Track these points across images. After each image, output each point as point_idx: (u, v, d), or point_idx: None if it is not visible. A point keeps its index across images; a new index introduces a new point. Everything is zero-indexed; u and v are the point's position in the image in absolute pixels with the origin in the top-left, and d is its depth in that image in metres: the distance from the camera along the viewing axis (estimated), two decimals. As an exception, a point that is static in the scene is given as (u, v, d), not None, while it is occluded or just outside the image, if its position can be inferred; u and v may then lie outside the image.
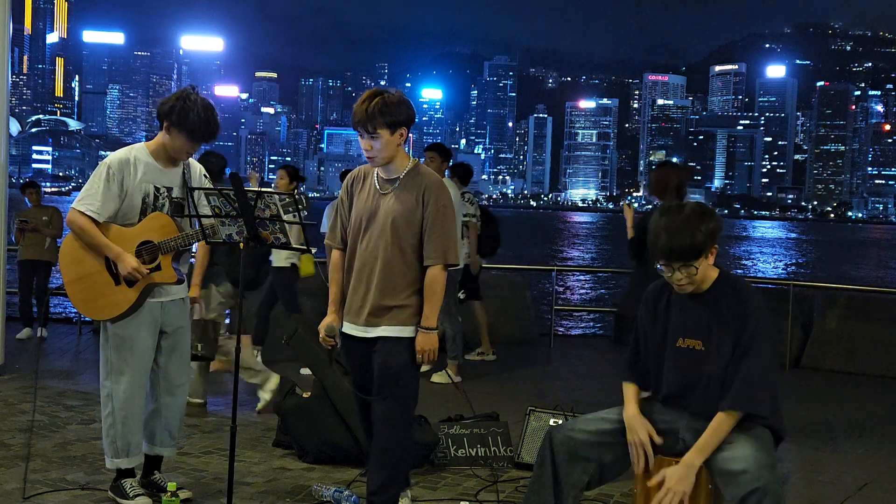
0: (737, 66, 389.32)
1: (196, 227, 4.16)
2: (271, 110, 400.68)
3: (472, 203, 8.28)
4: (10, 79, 7.53)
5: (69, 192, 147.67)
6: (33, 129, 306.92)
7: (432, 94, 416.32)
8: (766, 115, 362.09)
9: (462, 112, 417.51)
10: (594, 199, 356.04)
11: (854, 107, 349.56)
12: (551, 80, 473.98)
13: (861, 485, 5.17)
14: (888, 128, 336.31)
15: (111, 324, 4.19)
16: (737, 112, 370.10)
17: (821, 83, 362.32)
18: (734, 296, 3.30)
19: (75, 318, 10.27)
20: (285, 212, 3.77)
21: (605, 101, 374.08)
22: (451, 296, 7.90)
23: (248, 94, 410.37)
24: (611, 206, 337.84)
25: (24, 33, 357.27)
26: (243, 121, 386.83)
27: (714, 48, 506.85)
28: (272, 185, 7.87)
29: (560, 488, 3.36)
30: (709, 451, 3.16)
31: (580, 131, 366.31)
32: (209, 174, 4.52)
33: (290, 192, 3.88)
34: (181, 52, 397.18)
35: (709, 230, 3.23)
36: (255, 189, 3.81)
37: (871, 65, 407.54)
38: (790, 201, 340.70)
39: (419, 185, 3.81)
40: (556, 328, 10.95)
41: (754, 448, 3.12)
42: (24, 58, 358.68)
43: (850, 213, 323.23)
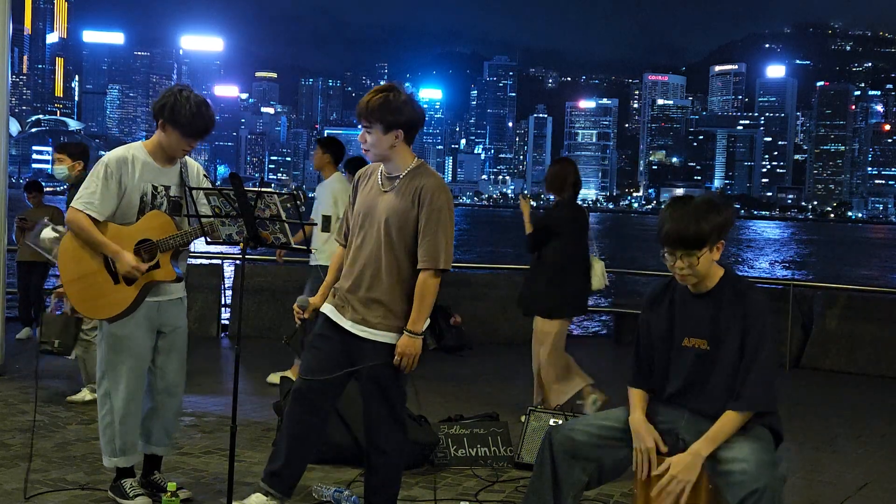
0: (737, 66, 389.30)
1: (195, 226, 4.16)
2: (271, 110, 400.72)
3: None
4: (10, 79, 7.52)
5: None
6: (33, 129, 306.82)
7: (432, 94, 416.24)
8: (766, 115, 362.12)
9: (462, 112, 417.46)
10: (594, 199, 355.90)
11: (854, 107, 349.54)
12: (551, 80, 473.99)
13: (861, 485, 5.17)
14: (888, 128, 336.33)
15: (108, 323, 4.19)
16: (737, 112, 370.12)
17: (821, 83, 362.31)
18: (738, 295, 3.30)
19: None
20: (284, 208, 3.77)
21: (605, 101, 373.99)
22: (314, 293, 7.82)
23: (247, 94, 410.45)
24: (611, 206, 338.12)
25: (24, 33, 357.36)
26: (243, 121, 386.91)
27: (714, 48, 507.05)
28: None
29: (560, 488, 3.36)
30: (717, 442, 3.16)
31: (580, 131, 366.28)
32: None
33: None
34: (181, 52, 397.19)
35: (715, 223, 3.23)
36: (255, 189, 3.81)
37: (871, 65, 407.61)
38: (790, 201, 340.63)
39: (417, 185, 3.74)
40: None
41: (754, 448, 3.12)
42: (24, 58, 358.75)
43: (850, 213, 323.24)
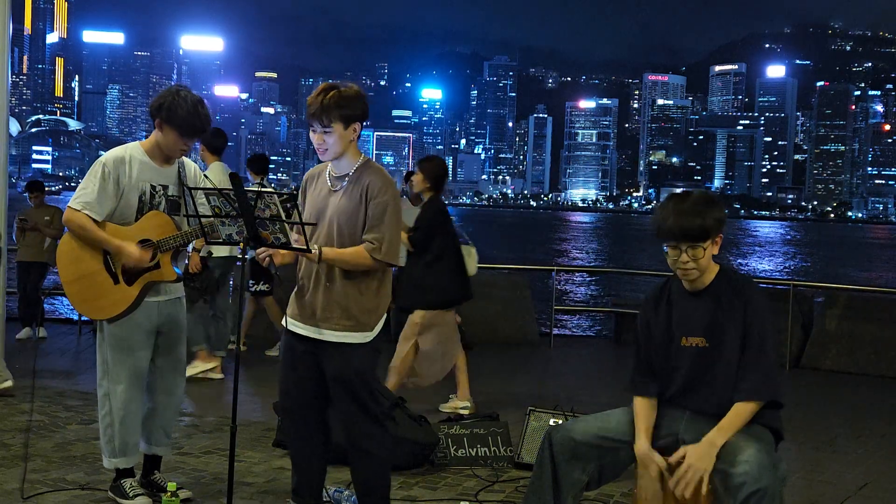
0: (737, 66, 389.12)
1: (194, 226, 4.15)
2: (271, 110, 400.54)
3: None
4: (10, 79, 7.52)
5: (59, 192, 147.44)
6: (33, 129, 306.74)
7: (432, 94, 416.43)
8: (766, 115, 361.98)
9: (462, 112, 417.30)
10: (594, 199, 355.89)
11: (854, 107, 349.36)
12: (551, 80, 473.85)
13: (861, 485, 5.17)
14: (888, 128, 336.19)
15: (108, 324, 4.19)
16: (737, 112, 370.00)
17: (821, 83, 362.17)
18: (736, 291, 3.30)
19: (75, 318, 10.26)
20: (283, 208, 3.77)
21: (605, 101, 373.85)
22: (225, 285, 7.84)
23: (248, 94, 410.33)
24: (611, 206, 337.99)
25: (24, 33, 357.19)
26: (243, 121, 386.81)
27: (714, 48, 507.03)
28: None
29: (560, 488, 3.36)
30: (731, 432, 3.16)
31: (580, 131, 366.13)
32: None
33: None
34: (181, 52, 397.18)
35: (717, 216, 3.27)
36: (255, 189, 3.80)
37: (871, 65, 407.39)
38: (790, 201, 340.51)
39: (364, 183, 3.70)
40: (556, 328, 10.94)
41: (755, 449, 3.12)
42: (24, 58, 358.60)
43: (850, 213, 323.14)
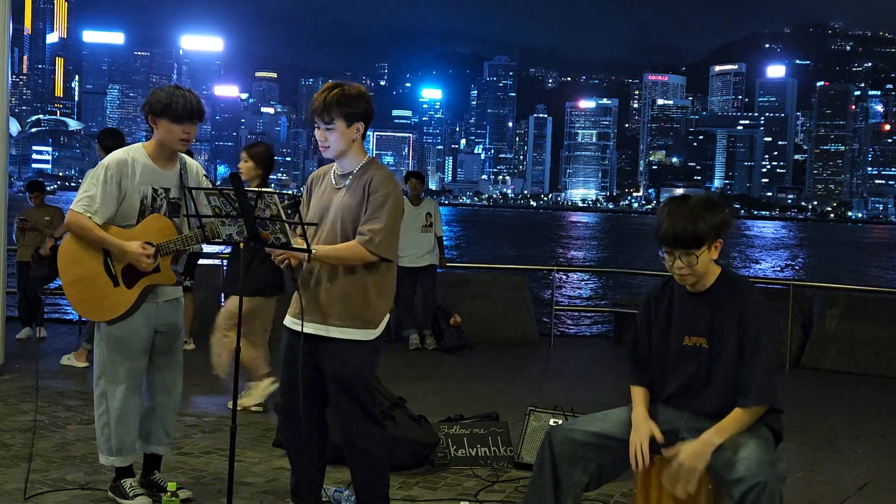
0: (737, 66, 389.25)
1: (195, 229, 4.15)
2: (271, 110, 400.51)
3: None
4: (10, 79, 7.52)
5: (54, 192, 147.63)
6: (33, 129, 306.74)
7: (432, 94, 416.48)
8: (766, 115, 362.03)
9: (462, 112, 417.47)
10: (594, 199, 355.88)
11: (854, 107, 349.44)
12: (551, 80, 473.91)
13: (861, 485, 5.17)
14: (888, 128, 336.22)
15: (106, 324, 4.19)
16: (737, 112, 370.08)
17: (821, 83, 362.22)
18: (736, 293, 3.30)
19: (75, 318, 10.27)
20: (284, 210, 3.77)
21: (605, 101, 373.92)
22: None
23: (248, 94, 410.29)
24: (611, 207, 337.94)
25: (24, 33, 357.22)
26: (243, 121, 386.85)
27: (714, 48, 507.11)
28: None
29: (560, 488, 3.36)
30: (728, 434, 3.16)
31: (580, 131, 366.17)
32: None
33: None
34: (181, 52, 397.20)
35: (714, 222, 3.24)
36: (255, 189, 3.80)
37: (871, 65, 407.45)
38: (790, 201, 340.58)
39: (366, 178, 3.72)
40: (556, 328, 10.94)
41: (755, 447, 3.13)
42: (24, 58, 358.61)
43: (850, 213, 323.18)
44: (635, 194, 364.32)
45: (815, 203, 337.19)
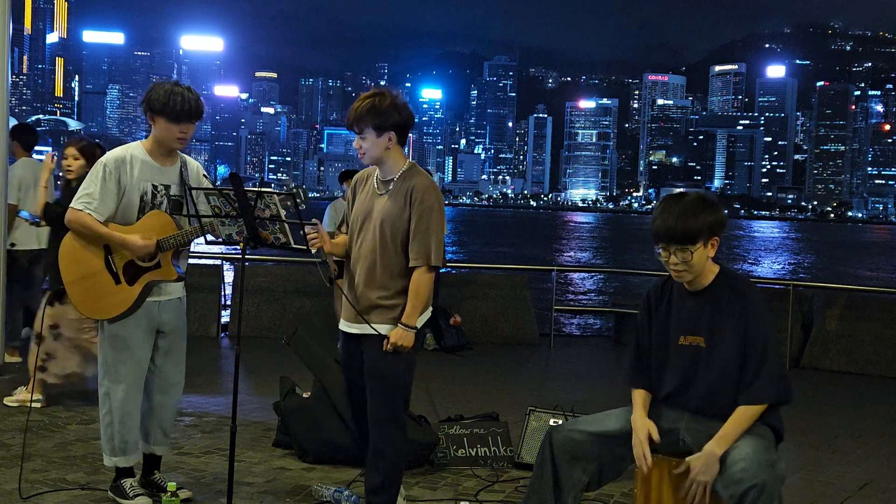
0: (737, 66, 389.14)
1: (195, 225, 4.15)
2: (271, 110, 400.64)
3: None
4: (10, 79, 7.51)
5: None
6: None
7: (432, 94, 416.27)
8: (766, 115, 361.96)
9: (462, 112, 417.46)
10: (594, 199, 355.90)
11: (854, 107, 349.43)
12: (551, 80, 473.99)
13: (861, 485, 5.17)
14: (888, 128, 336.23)
15: (109, 323, 4.19)
16: (737, 112, 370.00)
17: (821, 83, 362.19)
18: (735, 292, 3.30)
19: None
20: (283, 207, 3.77)
21: (605, 101, 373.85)
22: (35, 277, 7.73)
23: (248, 94, 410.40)
24: (611, 207, 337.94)
25: (24, 33, 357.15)
26: (243, 121, 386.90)
27: (714, 48, 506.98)
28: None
29: (560, 488, 3.36)
30: (730, 440, 3.16)
31: (580, 131, 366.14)
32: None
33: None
34: (181, 52, 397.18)
35: (707, 220, 3.25)
36: (256, 189, 3.80)
37: (871, 65, 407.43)
38: (790, 201, 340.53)
39: (409, 186, 3.84)
40: (556, 328, 10.94)
41: (754, 446, 3.13)
42: (24, 58, 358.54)
43: (850, 213, 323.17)
44: (635, 194, 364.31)
45: (815, 203, 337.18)
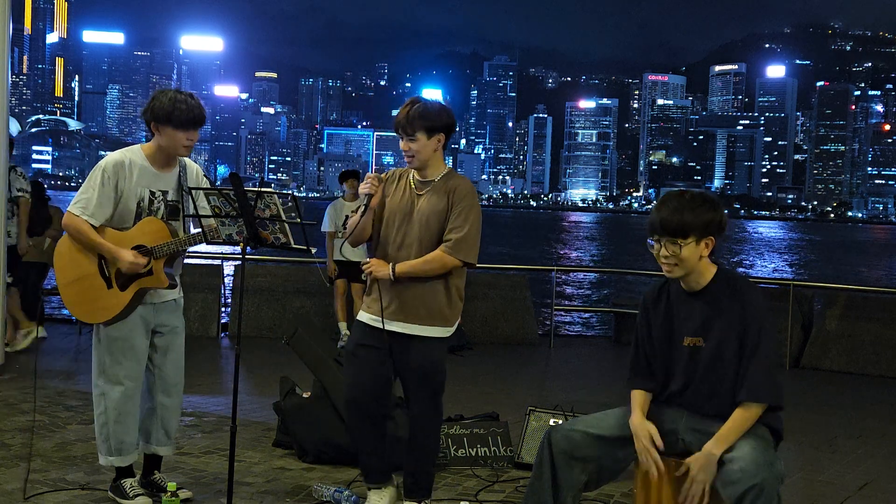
0: (737, 66, 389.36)
1: (190, 233, 4.15)
2: (271, 110, 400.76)
3: (24, 178, 7.85)
4: (10, 79, 7.52)
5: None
6: (33, 129, 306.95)
7: (432, 94, 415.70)
8: (766, 115, 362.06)
9: (462, 112, 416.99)
10: (594, 199, 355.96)
11: (854, 107, 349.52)
12: (551, 80, 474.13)
13: (861, 485, 5.17)
14: (888, 128, 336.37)
15: (104, 325, 4.18)
16: (737, 112, 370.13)
17: (821, 83, 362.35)
18: (732, 291, 3.30)
19: (75, 318, 10.27)
20: (285, 212, 3.77)
21: (605, 101, 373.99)
22: None
23: (248, 94, 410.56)
24: (611, 207, 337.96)
25: (24, 33, 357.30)
26: (243, 121, 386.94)
27: (714, 48, 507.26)
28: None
29: (559, 488, 3.36)
30: (729, 441, 3.16)
31: (580, 131, 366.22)
32: None
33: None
34: (181, 52, 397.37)
35: (703, 218, 3.26)
36: (255, 189, 3.80)
37: (871, 65, 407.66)
38: (790, 201, 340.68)
39: (452, 186, 3.99)
40: (556, 328, 10.95)
41: (753, 447, 3.13)
42: (24, 58, 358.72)
43: (850, 213, 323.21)
44: (635, 194, 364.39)
45: (815, 203, 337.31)
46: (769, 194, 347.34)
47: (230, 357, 8.80)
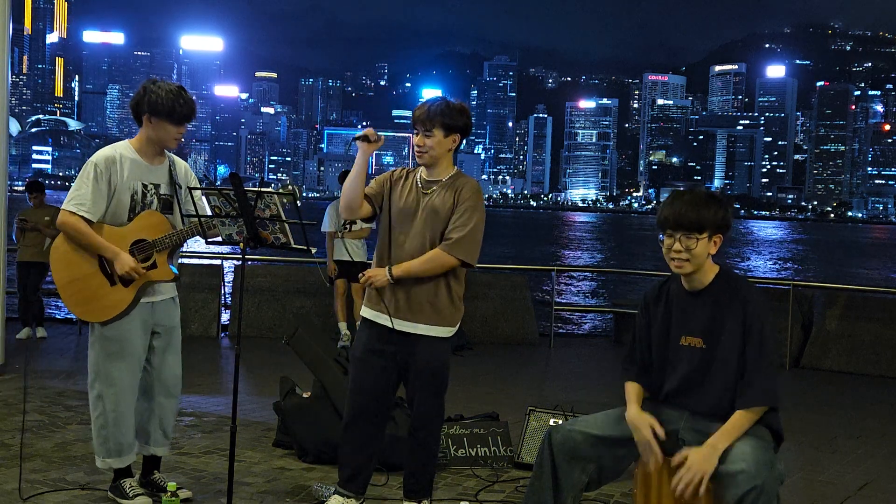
0: (737, 66, 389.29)
1: (190, 224, 4.15)
2: (271, 110, 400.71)
3: None
4: (10, 79, 7.52)
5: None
6: (33, 129, 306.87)
7: (432, 94, 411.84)
8: (766, 115, 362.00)
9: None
10: (594, 199, 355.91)
11: (854, 107, 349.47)
12: (551, 80, 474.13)
13: (861, 485, 5.17)
14: (888, 128, 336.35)
15: (101, 325, 4.16)
16: (737, 112, 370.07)
17: (821, 83, 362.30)
18: (735, 293, 3.30)
19: (75, 318, 10.27)
20: (281, 205, 3.77)
21: (605, 101, 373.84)
22: None
23: (248, 94, 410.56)
24: (611, 207, 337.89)
25: (24, 33, 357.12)
26: (243, 121, 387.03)
27: (714, 48, 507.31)
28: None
29: (559, 488, 3.36)
30: (732, 437, 3.16)
31: (580, 131, 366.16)
32: None
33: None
34: (181, 52, 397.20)
35: (718, 214, 3.28)
36: (255, 189, 3.80)
37: (871, 65, 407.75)
38: (790, 201, 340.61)
39: (459, 185, 4.00)
40: (556, 328, 10.94)
41: (753, 447, 3.12)
42: (24, 58, 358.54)
43: (850, 213, 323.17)
44: (635, 194, 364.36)
45: (815, 203, 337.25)
46: (769, 194, 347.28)
47: (230, 357, 8.80)
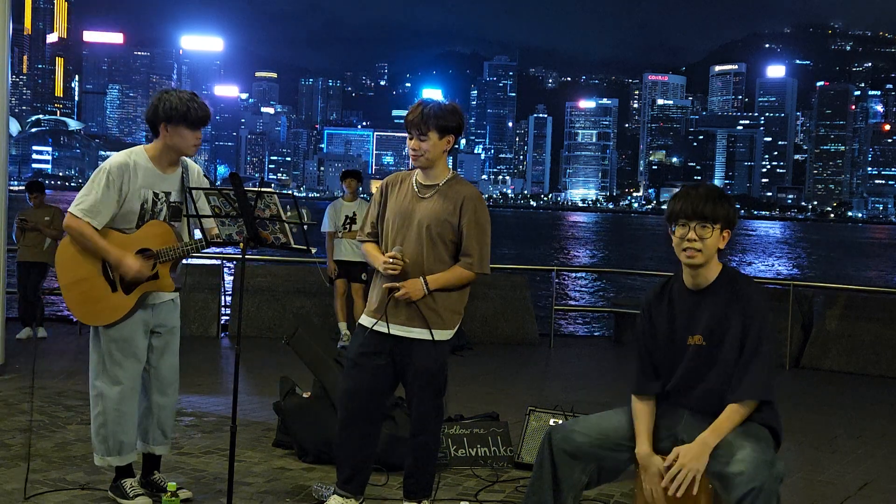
0: (737, 66, 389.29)
1: (194, 238, 4.16)
2: (271, 110, 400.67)
3: None
4: (10, 79, 7.52)
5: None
6: (33, 129, 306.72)
7: (432, 94, 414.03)
8: (766, 115, 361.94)
9: (462, 112, 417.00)
10: (594, 199, 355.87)
11: (854, 107, 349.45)
12: (551, 80, 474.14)
13: (861, 485, 5.17)
14: (888, 128, 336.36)
15: (104, 327, 4.17)
16: (737, 112, 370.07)
17: (821, 83, 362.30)
18: (737, 291, 3.30)
19: (75, 318, 10.27)
20: (289, 220, 3.78)
21: (604, 101, 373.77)
22: None
23: (247, 94, 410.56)
24: (611, 207, 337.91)
25: (24, 33, 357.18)
26: (243, 121, 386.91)
27: (714, 48, 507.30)
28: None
29: (559, 488, 3.36)
30: (723, 433, 3.16)
31: (580, 131, 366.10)
32: None
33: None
34: (181, 52, 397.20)
35: (730, 209, 3.32)
36: (255, 189, 3.80)
37: (871, 65, 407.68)
38: (790, 201, 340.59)
39: (458, 194, 3.98)
40: (556, 328, 10.94)
41: (752, 447, 3.12)
42: (24, 58, 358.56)
43: (850, 213, 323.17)
44: (635, 194, 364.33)
45: (815, 203, 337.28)
46: (769, 194, 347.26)
47: (230, 357, 8.80)
